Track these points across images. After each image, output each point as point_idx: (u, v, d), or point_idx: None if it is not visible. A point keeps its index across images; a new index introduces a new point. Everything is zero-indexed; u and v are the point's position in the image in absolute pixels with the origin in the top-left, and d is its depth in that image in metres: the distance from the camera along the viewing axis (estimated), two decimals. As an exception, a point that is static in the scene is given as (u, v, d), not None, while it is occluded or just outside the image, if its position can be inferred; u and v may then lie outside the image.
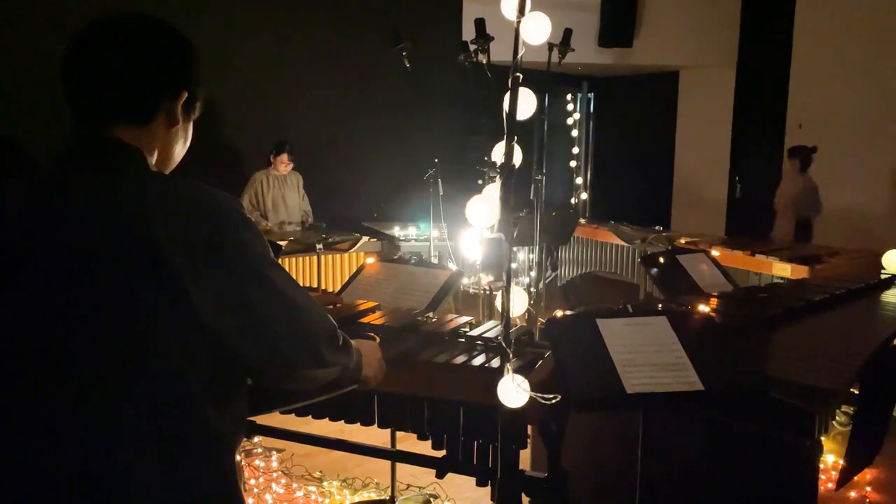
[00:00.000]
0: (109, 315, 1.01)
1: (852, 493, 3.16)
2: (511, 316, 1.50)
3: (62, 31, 1.25)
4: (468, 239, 1.90)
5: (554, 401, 1.43)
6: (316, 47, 6.61)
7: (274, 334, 1.10)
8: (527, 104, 1.48)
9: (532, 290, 4.55)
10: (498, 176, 1.42)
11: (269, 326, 1.10)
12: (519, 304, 1.58)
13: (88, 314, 1.01)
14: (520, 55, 1.38)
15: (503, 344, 1.46)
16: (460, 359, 2.01)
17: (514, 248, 1.49)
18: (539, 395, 1.43)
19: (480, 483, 2.10)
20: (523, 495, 1.99)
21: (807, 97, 6.90)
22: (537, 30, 1.46)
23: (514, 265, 1.53)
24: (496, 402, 1.56)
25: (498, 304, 1.61)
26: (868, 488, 3.21)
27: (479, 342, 2.15)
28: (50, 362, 1.02)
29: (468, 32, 3.88)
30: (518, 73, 1.38)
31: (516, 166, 1.42)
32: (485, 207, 1.47)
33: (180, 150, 1.22)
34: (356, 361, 1.33)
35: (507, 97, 1.41)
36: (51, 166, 1.11)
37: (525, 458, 2.01)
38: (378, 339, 1.57)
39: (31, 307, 1.03)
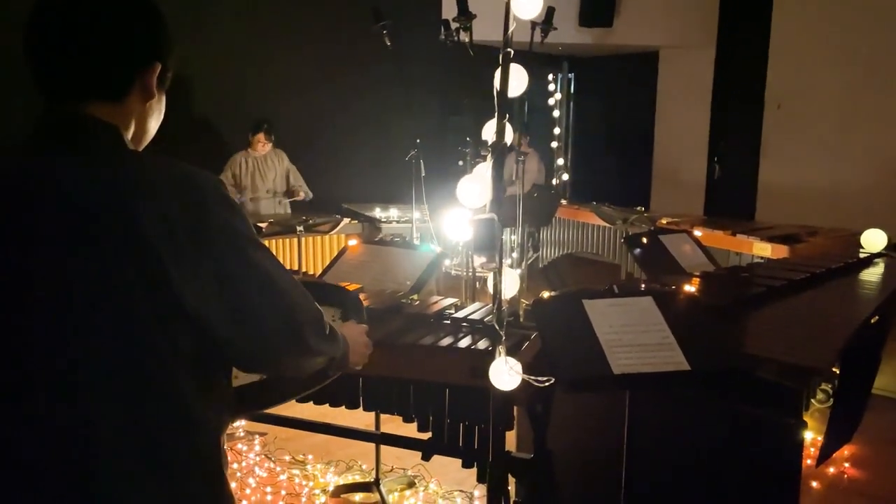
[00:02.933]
0: (86, 298, 0.98)
1: (831, 470, 3.21)
2: (504, 298, 1.48)
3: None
4: (452, 219, 1.88)
5: (547, 384, 1.42)
6: (294, 25, 6.50)
7: (257, 318, 1.07)
8: (518, 80, 1.45)
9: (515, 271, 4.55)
10: (489, 155, 1.40)
11: (253, 310, 1.06)
12: (511, 285, 1.56)
13: (65, 297, 0.98)
14: (511, 30, 1.35)
15: (496, 326, 1.44)
16: (446, 341, 2.00)
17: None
18: (532, 377, 1.42)
19: (466, 465, 2.10)
20: (509, 476, 2.00)
21: (785, 77, 6.93)
22: (528, 4, 1.42)
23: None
24: (486, 385, 1.55)
25: (490, 286, 1.59)
26: (846, 464, 3.26)
27: (464, 324, 2.14)
28: (22, 347, 0.99)
29: (449, 10, 3.83)
30: (509, 49, 1.35)
31: (508, 144, 1.39)
32: (476, 187, 1.45)
33: (155, 124, 1.18)
34: (342, 351, 1.29)
35: (497, 73, 1.38)
36: (22, 147, 1.07)
37: (510, 439, 2.01)
38: (365, 325, 1.52)
39: (5, 281, 0.99)
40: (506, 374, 1.48)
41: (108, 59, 1.06)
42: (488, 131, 1.45)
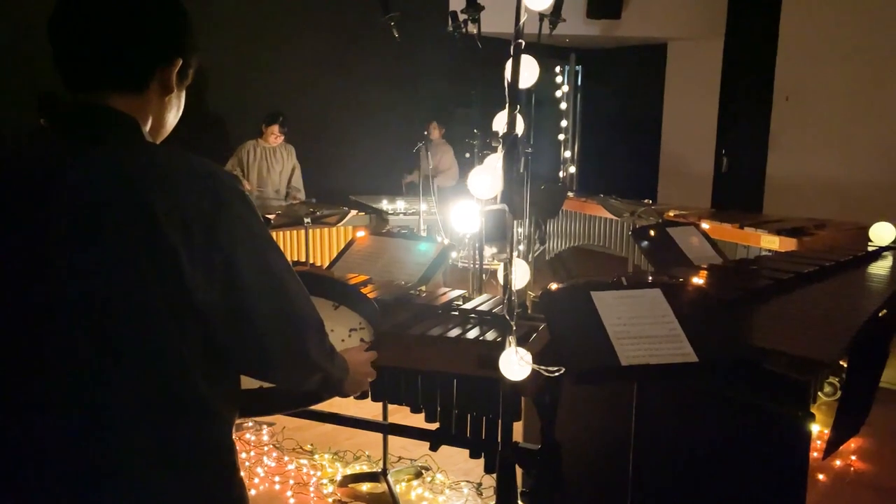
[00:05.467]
0: (100, 288, 0.98)
1: (837, 462, 3.22)
2: (514, 288, 1.48)
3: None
4: (459, 211, 1.88)
5: (557, 374, 1.43)
6: (302, 16, 6.50)
7: (259, 321, 1.06)
8: (529, 72, 1.45)
9: (521, 263, 4.55)
10: (500, 146, 1.40)
11: (256, 312, 1.05)
12: (521, 276, 1.56)
13: (78, 287, 0.98)
14: (522, 21, 1.35)
15: (507, 316, 1.44)
16: (454, 332, 2.00)
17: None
18: (542, 367, 1.42)
19: (474, 455, 2.11)
20: (517, 466, 2.01)
21: (794, 69, 6.89)
22: (541, -6, 1.42)
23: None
24: (494, 375, 1.56)
25: (500, 276, 1.59)
26: (853, 457, 3.26)
27: (472, 315, 2.14)
28: (36, 337, 0.99)
29: (457, 1, 3.82)
30: (521, 40, 1.35)
31: (519, 135, 1.39)
32: (487, 178, 1.45)
33: (173, 118, 1.19)
34: (338, 377, 1.26)
35: (508, 65, 1.38)
36: (40, 136, 1.08)
37: (517, 430, 2.02)
38: (374, 353, 1.48)
39: (21, 273, 1.00)
40: (516, 363, 1.49)
41: (129, 51, 1.07)
42: (499, 122, 1.45)
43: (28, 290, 1.00)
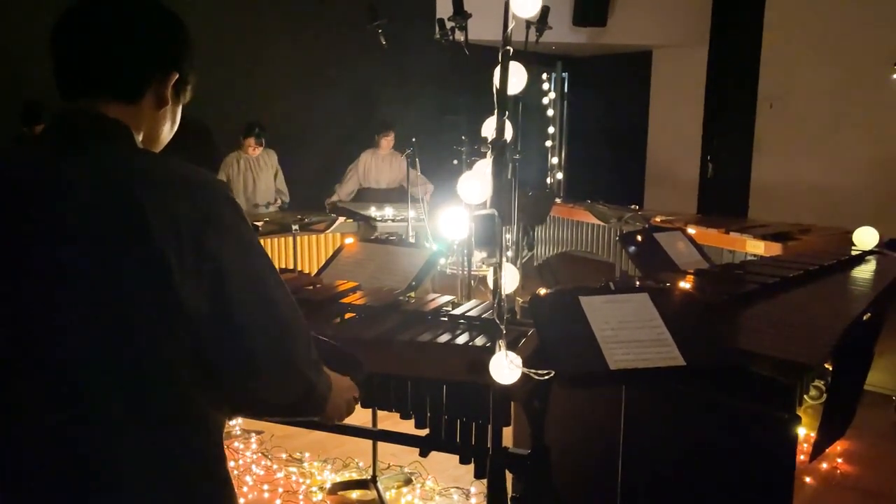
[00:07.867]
0: (89, 287, 0.98)
1: (824, 465, 3.24)
2: (504, 292, 1.49)
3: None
4: (447, 217, 1.89)
5: (547, 377, 1.44)
6: (289, 23, 6.50)
7: (247, 327, 1.05)
8: (517, 78, 1.46)
9: (509, 269, 4.56)
10: (489, 151, 1.41)
11: (244, 318, 1.05)
12: (511, 280, 1.57)
13: (67, 292, 0.98)
14: (510, 29, 1.36)
15: (496, 320, 1.45)
16: (444, 338, 2.01)
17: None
18: (532, 370, 1.43)
19: (464, 461, 2.11)
20: (507, 472, 2.01)
21: (777, 76, 6.97)
22: (527, 2, 1.44)
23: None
24: (484, 381, 1.56)
25: (490, 281, 1.60)
26: (839, 460, 3.29)
27: (461, 321, 2.15)
28: (24, 342, 0.99)
29: (444, 9, 3.84)
30: (509, 47, 1.36)
31: (508, 141, 1.41)
32: (476, 184, 1.46)
33: (167, 132, 1.20)
34: (322, 390, 1.23)
35: (496, 71, 1.39)
36: (34, 142, 1.08)
37: (507, 435, 2.03)
38: (356, 388, 1.46)
39: (9, 275, 1.00)
40: (506, 367, 1.50)
41: (125, 60, 1.09)
42: (488, 128, 1.47)
43: (16, 291, 1.00)
